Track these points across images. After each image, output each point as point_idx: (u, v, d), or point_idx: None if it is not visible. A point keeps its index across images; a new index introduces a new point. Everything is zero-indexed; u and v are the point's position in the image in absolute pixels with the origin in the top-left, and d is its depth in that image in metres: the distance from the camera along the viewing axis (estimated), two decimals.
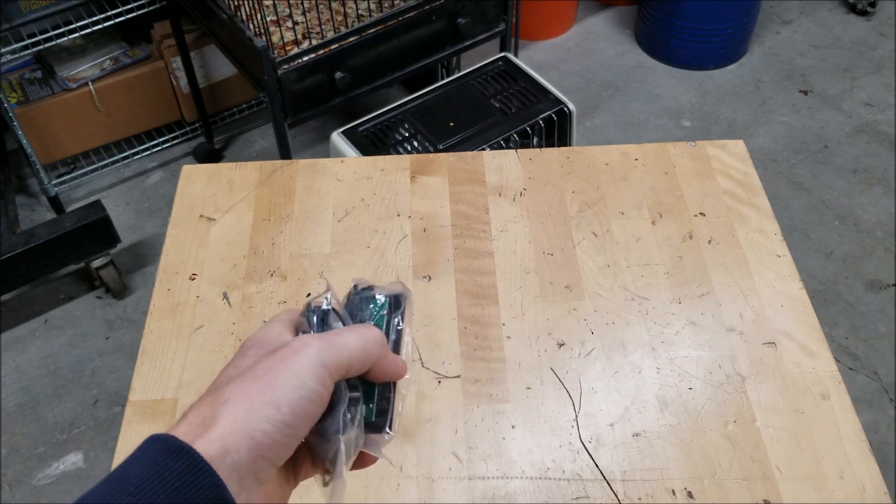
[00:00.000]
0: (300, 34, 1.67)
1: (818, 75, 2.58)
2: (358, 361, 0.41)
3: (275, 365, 0.39)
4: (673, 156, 1.05)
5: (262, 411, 0.37)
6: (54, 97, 2.18)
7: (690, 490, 0.75)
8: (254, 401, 0.37)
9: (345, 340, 0.41)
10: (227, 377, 0.40)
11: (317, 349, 0.39)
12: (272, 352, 0.40)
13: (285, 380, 0.38)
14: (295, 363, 0.39)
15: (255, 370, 0.39)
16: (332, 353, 0.40)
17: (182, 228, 0.98)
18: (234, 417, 0.37)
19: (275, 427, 0.37)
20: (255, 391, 0.38)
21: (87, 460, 1.74)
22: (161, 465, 0.35)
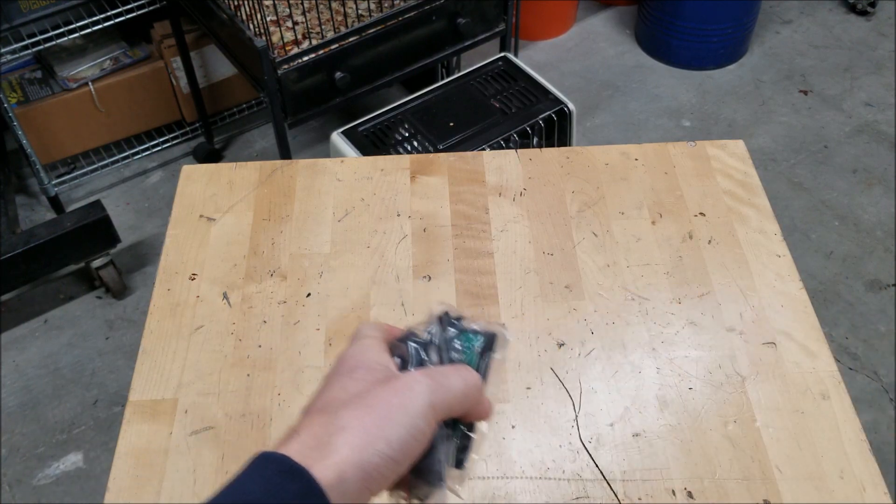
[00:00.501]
0: (300, 34, 1.67)
1: (818, 75, 2.58)
2: (459, 405, 0.42)
3: (389, 398, 0.40)
4: (673, 156, 1.05)
5: (376, 445, 0.38)
6: (54, 97, 2.18)
7: (690, 490, 0.75)
8: (370, 433, 0.38)
9: (451, 384, 0.42)
10: (337, 400, 0.40)
11: (428, 390, 0.40)
12: (383, 381, 0.41)
13: (399, 416, 0.39)
14: (408, 400, 0.40)
15: (369, 399, 0.40)
16: (440, 395, 0.41)
17: (182, 228, 0.98)
18: (351, 447, 0.38)
19: (385, 462, 0.38)
20: (372, 423, 0.39)
21: (87, 460, 1.74)
22: (276, 484, 0.36)
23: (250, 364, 0.85)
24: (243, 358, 0.85)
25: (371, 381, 0.41)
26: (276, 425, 0.80)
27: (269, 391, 0.83)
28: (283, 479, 0.36)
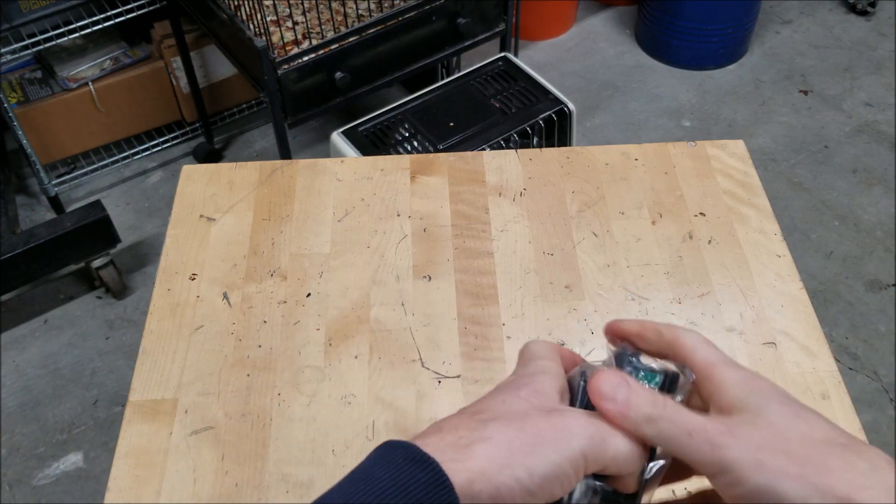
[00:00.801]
0: (300, 34, 1.67)
1: (818, 75, 2.58)
2: (615, 468, 0.39)
3: (545, 430, 0.38)
4: (673, 156, 1.05)
5: (517, 470, 0.36)
6: (54, 97, 2.18)
7: (691, 490, 0.75)
8: (514, 456, 0.37)
9: (616, 444, 0.39)
10: (493, 410, 0.39)
11: (588, 439, 0.38)
12: (546, 411, 0.39)
13: (548, 452, 0.37)
14: (563, 440, 0.38)
15: (525, 424, 0.38)
16: (598, 449, 0.38)
17: (182, 228, 0.98)
18: (490, 459, 0.36)
19: (521, 490, 0.36)
20: (519, 447, 0.37)
21: (87, 460, 1.74)
22: (405, 472, 0.35)
23: (250, 364, 0.85)
24: (243, 358, 0.85)
25: (534, 406, 0.39)
26: (276, 425, 0.80)
27: (269, 391, 0.83)
28: (412, 467, 0.35)
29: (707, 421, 0.38)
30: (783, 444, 0.36)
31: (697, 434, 0.38)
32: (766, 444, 0.36)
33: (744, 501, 0.36)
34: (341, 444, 0.78)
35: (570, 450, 0.37)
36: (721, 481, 0.37)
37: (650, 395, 0.40)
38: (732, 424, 0.38)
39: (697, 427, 0.38)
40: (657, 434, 0.39)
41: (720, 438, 0.37)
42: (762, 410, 0.38)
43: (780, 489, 0.35)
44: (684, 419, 0.38)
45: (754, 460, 0.36)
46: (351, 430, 0.79)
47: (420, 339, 0.87)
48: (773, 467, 0.35)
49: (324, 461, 0.77)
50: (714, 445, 0.37)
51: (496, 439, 0.37)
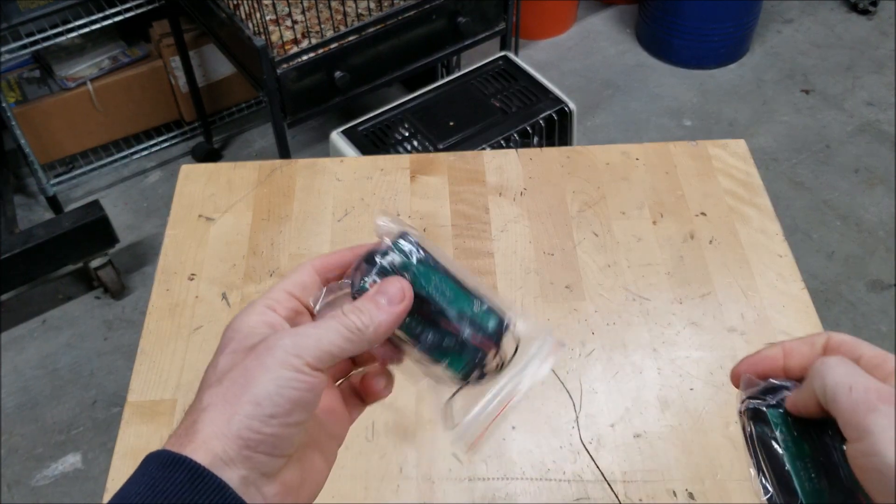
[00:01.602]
0: (299, 33, 1.67)
1: (820, 75, 2.58)
2: (339, 351, 0.39)
3: (250, 364, 0.38)
4: (674, 155, 1.05)
5: (242, 410, 0.36)
6: (53, 96, 2.17)
7: (691, 491, 0.75)
8: (232, 403, 0.37)
9: (321, 334, 0.39)
10: (207, 383, 0.39)
11: (291, 343, 0.38)
12: (248, 349, 0.39)
13: (261, 376, 0.37)
14: (268, 358, 0.38)
15: (233, 373, 0.38)
16: (309, 345, 0.38)
17: (181, 228, 0.98)
18: (213, 422, 0.36)
19: (261, 421, 0.36)
20: (233, 394, 0.37)
21: (86, 461, 1.73)
22: (160, 479, 0.35)
23: None
24: None
25: (241, 352, 0.39)
26: None
27: None
28: (165, 472, 0.35)
29: (872, 380, 0.36)
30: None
31: (858, 390, 0.35)
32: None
33: (871, 475, 0.34)
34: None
35: (279, 359, 0.37)
36: (857, 447, 0.35)
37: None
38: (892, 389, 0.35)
39: (862, 383, 0.36)
40: (821, 381, 0.37)
41: (880, 402, 0.35)
42: None
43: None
44: (851, 370, 0.37)
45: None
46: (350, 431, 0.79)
47: None
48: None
49: None
50: (870, 407, 0.35)
51: (213, 402, 0.37)
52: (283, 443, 0.37)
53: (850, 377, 0.36)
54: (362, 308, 0.41)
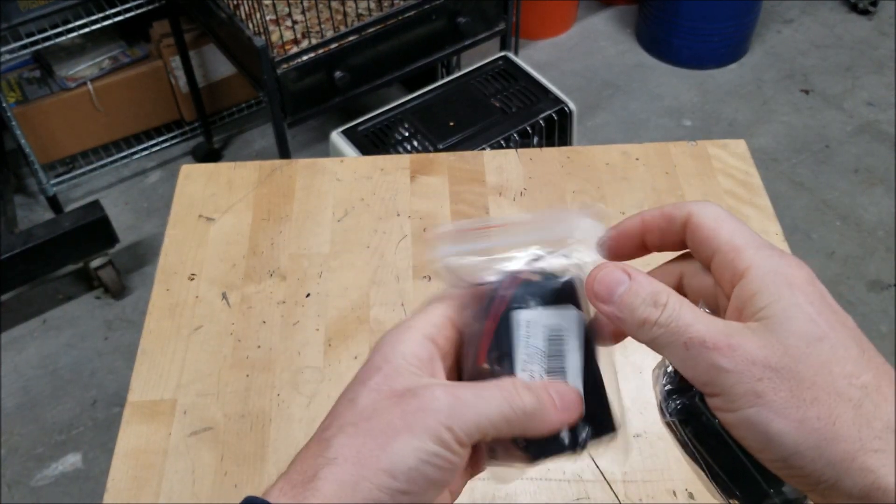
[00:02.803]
0: (299, 33, 1.67)
1: (819, 75, 2.58)
2: (495, 430, 0.34)
3: (395, 421, 0.33)
4: (674, 155, 1.05)
5: (375, 479, 0.32)
6: (53, 96, 2.17)
7: (692, 491, 0.75)
8: (365, 465, 0.32)
9: (483, 404, 0.33)
10: (339, 420, 0.34)
11: (446, 410, 0.33)
12: (397, 396, 0.33)
13: (404, 441, 0.32)
14: (417, 421, 0.32)
15: (373, 422, 0.33)
16: (465, 417, 0.33)
17: (181, 228, 0.98)
18: (340, 483, 0.32)
19: (391, 496, 0.32)
20: (369, 451, 0.32)
21: (86, 461, 1.73)
22: None
23: (249, 364, 0.84)
24: (242, 358, 0.85)
25: (385, 394, 0.34)
26: (276, 426, 0.80)
27: (268, 392, 0.82)
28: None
29: (709, 326, 0.32)
30: (792, 374, 0.30)
31: (694, 346, 0.31)
32: (770, 371, 0.30)
33: (730, 428, 0.32)
34: None
35: (427, 428, 0.32)
36: (714, 402, 0.32)
37: (650, 291, 0.33)
38: (737, 334, 0.31)
39: (695, 336, 0.31)
40: (652, 342, 0.33)
41: (717, 355, 0.31)
42: (782, 319, 0.31)
43: (772, 430, 0.30)
44: (682, 324, 0.32)
45: (751, 390, 0.30)
46: None
47: None
48: (770, 402, 0.30)
49: None
50: (710, 363, 0.31)
51: (343, 455, 0.32)
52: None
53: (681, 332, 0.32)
54: (537, 393, 0.35)
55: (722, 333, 0.31)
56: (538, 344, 0.37)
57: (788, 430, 0.30)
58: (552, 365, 0.37)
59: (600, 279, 0.35)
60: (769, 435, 0.30)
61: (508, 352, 0.36)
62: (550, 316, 0.37)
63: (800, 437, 0.30)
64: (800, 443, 0.30)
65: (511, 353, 0.36)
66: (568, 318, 0.37)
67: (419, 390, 0.33)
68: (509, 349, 0.36)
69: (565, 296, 0.38)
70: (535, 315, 0.37)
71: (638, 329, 0.34)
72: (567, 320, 0.38)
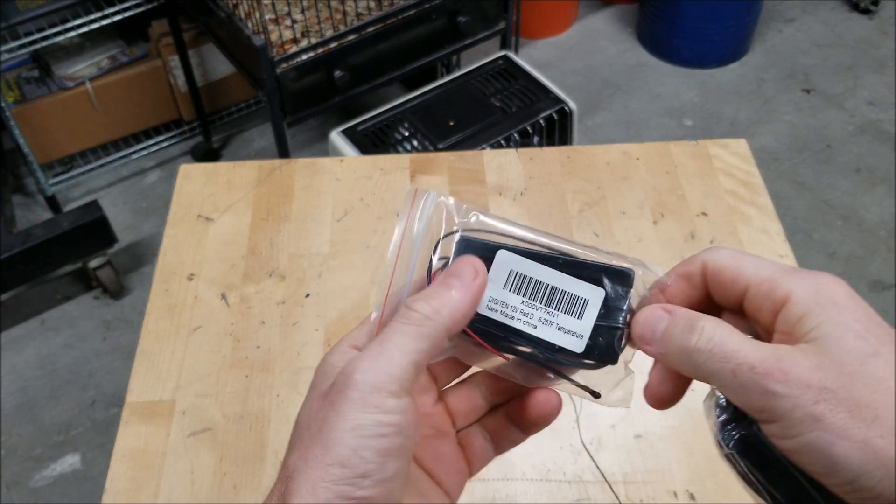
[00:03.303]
0: (299, 32, 1.66)
1: (821, 74, 2.57)
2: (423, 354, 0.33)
3: (326, 414, 0.32)
4: (675, 155, 1.04)
5: (328, 476, 0.31)
6: (51, 96, 2.17)
7: (692, 492, 0.74)
8: (316, 467, 0.31)
9: (392, 347, 0.33)
10: (292, 440, 0.34)
11: (362, 375, 0.32)
12: (324, 395, 0.34)
13: (338, 427, 0.32)
14: (342, 403, 0.32)
15: (311, 428, 0.33)
16: (384, 369, 0.32)
17: (180, 228, 0.97)
18: (299, 492, 0.31)
19: (351, 485, 0.31)
20: (314, 455, 0.32)
21: (85, 462, 1.73)
22: None
23: (248, 365, 0.84)
24: (241, 359, 0.85)
25: (316, 399, 0.34)
26: (275, 427, 0.79)
27: (267, 392, 0.82)
28: None
29: (757, 351, 0.31)
30: (849, 393, 0.29)
31: (743, 372, 0.30)
32: (826, 392, 0.29)
33: (791, 455, 0.30)
34: None
35: (354, 405, 0.32)
36: (770, 429, 0.31)
37: (687, 318, 0.33)
38: (788, 357, 0.30)
39: (743, 362, 0.30)
40: (699, 371, 0.32)
41: (769, 380, 0.30)
42: (833, 339, 0.30)
43: (836, 454, 0.29)
44: (728, 350, 0.31)
45: (809, 414, 0.29)
46: None
47: None
48: (831, 425, 0.29)
49: None
50: (762, 390, 0.30)
51: (297, 469, 0.32)
52: (388, 499, 0.32)
53: (728, 359, 0.31)
54: (429, 294, 0.35)
55: (772, 357, 0.30)
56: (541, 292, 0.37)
57: (853, 451, 0.29)
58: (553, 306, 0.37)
59: (643, 321, 0.35)
60: (833, 458, 0.29)
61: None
62: (567, 281, 0.37)
63: (865, 458, 0.29)
64: (866, 463, 0.29)
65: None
66: (594, 294, 0.37)
67: (337, 377, 0.33)
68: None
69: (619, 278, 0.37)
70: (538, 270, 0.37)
71: (682, 361, 0.33)
72: (592, 295, 0.37)
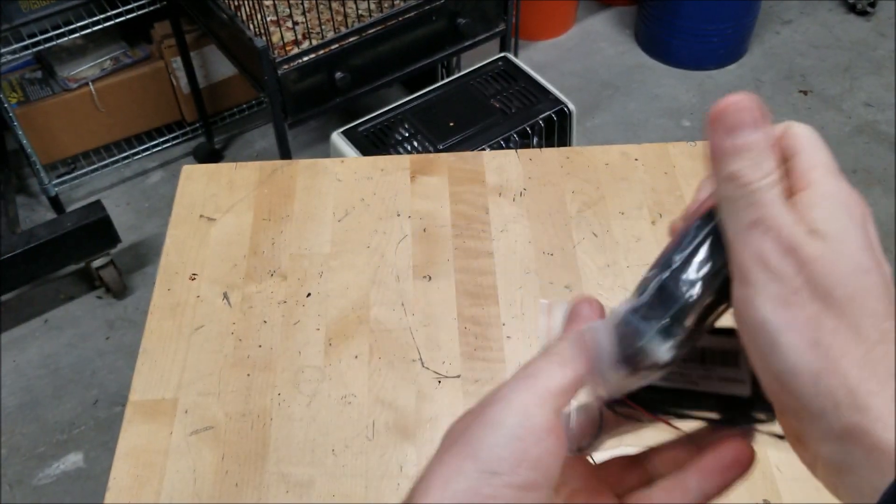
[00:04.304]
0: (300, 34, 1.67)
1: (818, 75, 2.58)
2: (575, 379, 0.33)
3: (469, 423, 0.32)
4: (673, 156, 1.05)
5: (462, 470, 0.31)
6: (54, 97, 2.18)
7: None
8: (450, 463, 0.31)
9: (544, 366, 0.33)
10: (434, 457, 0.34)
11: (508, 391, 0.32)
12: (478, 413, 0.33)
13: (481, 431, 0.31)
14: (489, 414, 0.32)
15: (459, 438, 0.33)
16: (530, 386, 0.32)
17: (182, 228, 0.98)
18: (429, 490, 0.31)
19: (480, 479, 0.30)
20: (452, 455, 0.32)
21: (88, 460, 1.74)
22: None
23: (250, 364, 0.85)
24: (243, 358, 0.85)
25: (473, 416, 0.33)
26: (276, 425, 0.80)
27: (269, 391, 0.83)
28: None
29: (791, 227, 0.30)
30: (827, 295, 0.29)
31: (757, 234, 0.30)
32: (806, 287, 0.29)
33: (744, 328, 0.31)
34: (341, 443, 0.78)
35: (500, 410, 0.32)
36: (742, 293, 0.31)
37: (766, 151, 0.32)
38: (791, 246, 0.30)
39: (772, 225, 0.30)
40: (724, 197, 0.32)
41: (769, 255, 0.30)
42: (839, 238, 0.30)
43: (782, 341, 0.29)
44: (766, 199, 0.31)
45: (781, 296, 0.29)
46: (351, 429, 0.79)
47: (420, 339, 0.87)
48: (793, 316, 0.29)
49: (324, 461, 0.77)
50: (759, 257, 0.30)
51: (432, 471, 0.32)
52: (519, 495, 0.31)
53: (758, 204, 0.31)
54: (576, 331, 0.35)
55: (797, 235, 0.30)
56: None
57: (799, 347, 0.29)
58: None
59: (736, 101, 0.32)
60: (777, 345, 0.29)
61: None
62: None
63: (805, 359, 0.28)
64: (803, 364, 0.28)
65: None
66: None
67: (485, 398, 0.34)
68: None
69: None
70: None
71: (724, 176, 0.33)
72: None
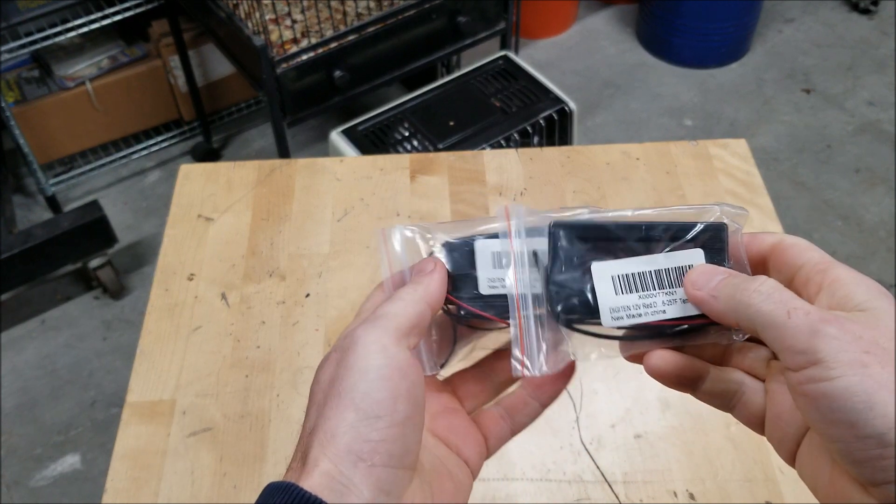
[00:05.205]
0: (299, 32, 1.66)
1: (820, 74, 2.57)
2: (420, 316, 0.38)
3: (337, 371, 0.36)
4: (674, 155, 1.04)
5: (345, 421, 0.34)
6: (52, 96, 2.17)
7: (692, 492, 0.74)
8: (332, 416, 0.34)
9: (392, 309, 0.37)
10: (309, 405, 0.37)
11: (362, 333, 0.36)
12: (335, 361, 0.37)
13: (351, 379, 0.35)
14: (352, 360, 0.35)
15: (331, 389, 0.36)
16: (381, 326, 0.36)
17: (180, 228, 0.98)
18: (322, 443, 0.34)
19: (366, 426, 0.33)
20: (330, 406, 0.35)
21: (85, 461, 1.73)
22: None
23: (249, 365, 0.84)
24: (242, 359, 0.85)
25: (333, 363, 0.37)
26: (275, 426, 0.79)
27: (267, 392, 0.82)
28: (269, 498, 0.33)
29: (812, 304, 0.33)
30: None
31: (797, 315, 0.32)
32: (877, 347, 0.31)
33: (818, 402, 0.31)
34: None
35: (361, 355, 0.35)
36: (805, 374, 0.32)
37: (748, 276, 0.36)
38: (843, 317, 0.32)
39: (800, 308, 0.32)
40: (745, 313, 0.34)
41: (824, 325, 0.31)
42: (883, 314, 0.32)
43: (874, 399, 0.30)
44: (785, 296, 0.33)
45: (857, 360, 0.30)
46: None
47: None
48: (877, 374, 0.30)
49: None
50: (814, 331, 0.31)
51: (318, 425, 0.35)
52: (398, 448, 0.34)
53: (785, 303, 0.33)
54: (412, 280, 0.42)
55: (827, 309, 0.33)
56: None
57: (891, 405, 0.30)
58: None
59: (700, 271, 0.38)
60: (872, 403, 0.30)
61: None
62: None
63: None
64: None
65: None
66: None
67: (343, 342, 0.37)
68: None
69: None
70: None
71: (733, 303, 0.35)
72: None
